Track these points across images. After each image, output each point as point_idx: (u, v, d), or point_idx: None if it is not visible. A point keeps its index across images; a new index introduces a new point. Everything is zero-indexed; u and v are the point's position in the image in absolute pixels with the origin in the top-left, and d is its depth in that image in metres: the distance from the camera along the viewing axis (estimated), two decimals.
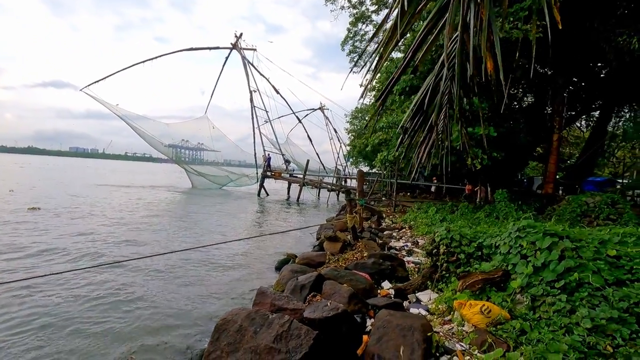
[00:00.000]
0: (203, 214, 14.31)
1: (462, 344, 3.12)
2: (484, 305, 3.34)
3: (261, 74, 26.83)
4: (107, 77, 22.34)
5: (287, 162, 29.14)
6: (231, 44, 26.17)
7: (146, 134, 24.89)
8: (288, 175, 27.16)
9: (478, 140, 9.99)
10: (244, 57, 26.38)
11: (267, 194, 24.94)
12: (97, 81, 21.95)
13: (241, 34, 26.12)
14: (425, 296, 4.39)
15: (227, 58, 26.49)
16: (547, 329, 2.96)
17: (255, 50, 26.54)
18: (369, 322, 3.56)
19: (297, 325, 2.79)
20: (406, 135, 2.79)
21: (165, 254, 6.95)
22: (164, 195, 21.59)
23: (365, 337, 3.08)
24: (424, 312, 3.89)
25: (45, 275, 5.44)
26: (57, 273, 5.44)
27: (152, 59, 23.87)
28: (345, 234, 7.88)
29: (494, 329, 3.15)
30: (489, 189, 13.64)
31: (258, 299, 3.54)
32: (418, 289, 4.61)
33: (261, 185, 25.02)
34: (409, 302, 4.33)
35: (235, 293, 5.43)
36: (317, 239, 9.25)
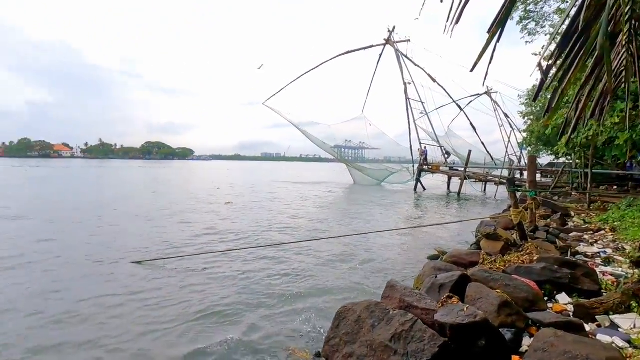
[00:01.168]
0: (361, 206, 14.94)
1: None
2: None
3: (416, 65, 25.83)
4: (281, 90, 26.12)
5: (446, 154, 27.11)
6: (384, 39, 26.23)
7: (314, 138, 27.87)
8: (448, 169, 25.21)
9: None
10: (397, 51, 26.02)
11: (425, 189, 23.83)
12: (274, 95, 25.99)
13: (394, 28, 25.83)
14: (627, 322, 3.13)
15: (380, 55, 26.70)
16: None
17: (409, 41, 25.77)
18: (526, 341, 2.79)
19: (421, 327, 2.42)
20: (555, 73, 1.82)
21: (321, 239, 7.67)
22: (329, 189, 23.66)
23: (515, 359, 2.41)
24: (620, 343, 2.77)
25: (231, 250, 6.77)
26: (238, 249, 6.69)
27: (315, 67, 26.54)
28: (509, 233, 6.60)
29: None
30: None
31: (387, 293, 3.30)
32: (615, 310, 3.34)
33: (417, 180, 24.11)
34: (598, 326, 3.18)
35: (372, 283, 5.35)
36: (476, 237, 8.13)
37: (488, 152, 30.42)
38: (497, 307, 3.04)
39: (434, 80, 26.43)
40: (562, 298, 3.90)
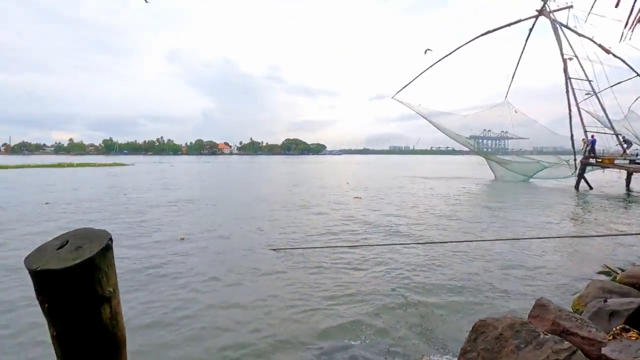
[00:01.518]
0: (505, 207, 13.29)
1: None
2: None
3: (580, 35, 21.12)
4: (411, 82, 25.29)
5: (625, 143, 21.40)
6: (536, 10, 22.34)
7: (446, 129, 26.09)
8: (627, 162, 19.91)
9: None
10: (554, 21, 21.81)
11: (591, 187, 19.38)
12: (403, 88, 25.38)
13: None
14: None
15: (531, 30, 22.90)
16: None
17: (571, 7, 21.24)
18: None
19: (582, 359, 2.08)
20: None
21: (458, 241, 7.31)
22: (463, 186, 21.85)
23: None
24: None
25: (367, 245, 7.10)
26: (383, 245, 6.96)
27: (448, 54, 24.70)
28: None
29: None
30: None
31: (535, 312, 2.93)
32: None
33: (580, 176, 19.80)
34: None
35: (516, 297, 4.75)
36: None
37: None
38: None
39: (608, 52, 21.09)
40: None
